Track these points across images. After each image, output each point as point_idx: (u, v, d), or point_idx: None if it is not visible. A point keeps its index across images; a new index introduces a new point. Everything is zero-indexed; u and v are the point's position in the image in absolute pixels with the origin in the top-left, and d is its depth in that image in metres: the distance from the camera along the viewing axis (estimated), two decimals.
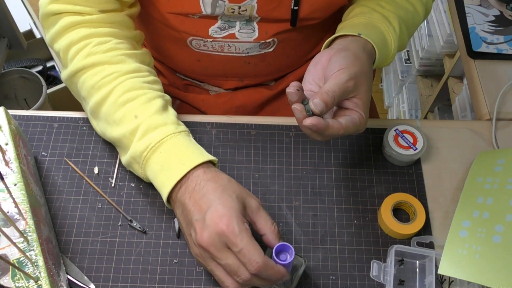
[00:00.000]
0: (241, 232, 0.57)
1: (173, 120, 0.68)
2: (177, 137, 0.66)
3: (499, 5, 1.09)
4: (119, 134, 0.67)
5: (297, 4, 0.75)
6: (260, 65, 0.87)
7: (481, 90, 0.90)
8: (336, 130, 0.59)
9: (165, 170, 0.64)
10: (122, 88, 0.68)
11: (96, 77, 0.68)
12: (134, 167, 0.68)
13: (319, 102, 0.58)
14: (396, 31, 0.73)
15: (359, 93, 0.62)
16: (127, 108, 0.67)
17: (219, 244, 0.58)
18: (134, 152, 0.66)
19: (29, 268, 0.60)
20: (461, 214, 0.70)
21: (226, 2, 0.74)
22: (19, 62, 1.73)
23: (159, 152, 0.65)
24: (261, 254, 0.57)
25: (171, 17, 0.78)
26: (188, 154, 0.64)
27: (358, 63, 0.62)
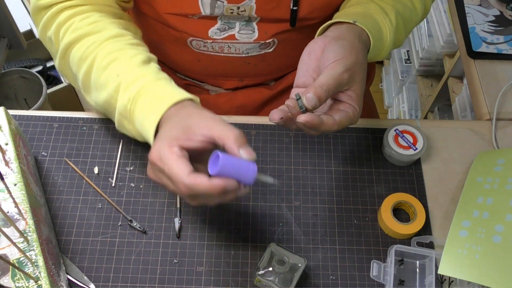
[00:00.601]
0: (164, 155, 0.56)
1: (154, 70, 0.66)
2: (156, 83, 0.64)
3: (499, 5, 1.09)
4: (107, 95, 0.66)
5: (296, 4, 0.75)
6: (260, 65, 0.87)
7: (481, 90, 0.90)
8: (330, 126, 0.59)
9: (148, 115, 0.62)
10: (103, 52, 0.67)
11: (81, 49, 0.68)
12: (124, 125, 0.66)
13: (312, 97, 0.57)
14: (393, 24, 0.71)
15: (354, 84, 0.61)
16: (109, 70, 0.66)
17: (156, 172, 0.58)
18: (120, 108, 0.65)
19: (29, 268, 0.60)
20: (461, 214, 0.70)
21: (225, 2, 0.74)
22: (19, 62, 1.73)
23: (140, 101, 0.63)
24: (185, 174, 0.54)
25: (170, 18, 0.78)
26: (167, 94, 0.62)
27: (354, 53, 0.61)
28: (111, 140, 0.79)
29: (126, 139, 0.79)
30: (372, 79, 1.08)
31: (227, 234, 0.72)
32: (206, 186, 0.54)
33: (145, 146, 0.78)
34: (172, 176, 0.55)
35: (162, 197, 0.74)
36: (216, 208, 0.73)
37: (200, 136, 0.57)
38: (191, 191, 0.55)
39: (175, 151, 0.56)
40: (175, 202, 0.74)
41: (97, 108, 0.72)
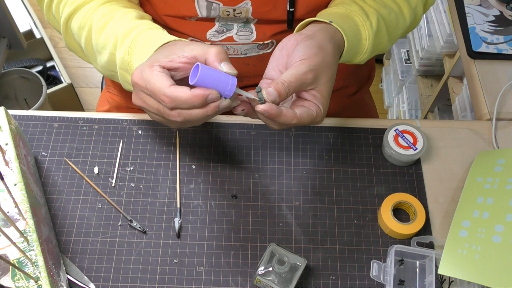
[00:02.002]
0: (144, 72, 0.57)
1: (146, 22, 0.68)
2: (148, 31, 0.66)
3: (499, 5, 1.09)
4: (108, 55, 0.68)
5: (292, 6, 0.75)
6: (259, 65, 0.87)
7: (481, 90, 0.90)
8: (289, 118, 0.59)
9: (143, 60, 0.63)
10: (98, 16, 0.69)
11: (79, 18, 0.71)
12: (128, 79, 0.67)
13: (272, 91, 0.58)
14: (373, 27, 0.71)
15: (319, 85, 0.61)
16: (107, 30, 0.68)
17: (141, 95, 0.59)
18: (119, 62, 0.66)
19: (29, 268, 0.60)
20: (461, 214, 0.70)
21: (221, 4, 0.74)
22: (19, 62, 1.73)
23: (136, 50, 0.64)
24: (166, 85, 0.55)
25: (169, 20, 0.78)
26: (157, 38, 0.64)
27: (320, 54, 0.61)
28: (111, 140, 0.79)
29: (126, 139, 0.79)
30: (372, 79, 1.08)
31: (227, 234, 0.72)
32: (187, 95, 0.55)
33: (145, 146, 0.78)
34: (154, 90, 0.56)
35: (162, 197, 0.74)
36: (216, 208, 0.74)
37: (183, 57, 0.58)
38: (173, 102, 0.55)
39: (156, 69, 0.57)
40: (175, 202, 0.74)
41: (104, 72, 0.73)
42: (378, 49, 0.75)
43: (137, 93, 0.60)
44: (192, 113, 0.57)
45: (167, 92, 0.55)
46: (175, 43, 0.62)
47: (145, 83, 0.57)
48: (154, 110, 0.59)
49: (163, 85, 0.56)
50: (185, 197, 0.74)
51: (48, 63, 1.82)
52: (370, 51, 0.72)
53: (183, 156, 0.78)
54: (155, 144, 0.79)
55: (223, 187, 0.75)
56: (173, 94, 0.55)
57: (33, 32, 1.83)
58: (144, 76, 0.57)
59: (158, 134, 0.79)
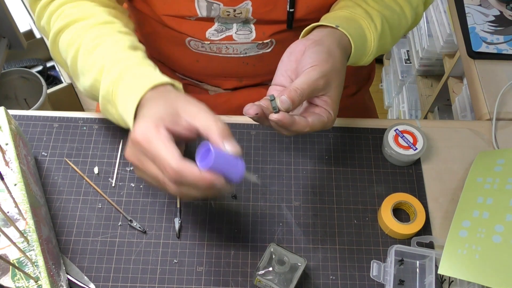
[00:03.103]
0: (154, 138, 0.53)
1: (139, 55, 0.65)
2: (139, 66, 0.62)
3: (499, 5, 1.09)
4: (92, 79, 0.65)
5: (292, 6, 0.75)
6: (259, 65, 0.87)
7: (481, 90, 0.90)
8: (302, 127, 0.59)
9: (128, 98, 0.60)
10: (90, 36, 0.66)
11: (69, 34, 0.68)
12: (108, 109, 0.64)
13: (285, 99, 0.58)
14: (378, 29, 0.71)
15: (329, 91, 0.61)
16: (95, 53, 0.65)
17: (139, 155, 0.54)
18: (103, 91, 0.63)
19: (29, 268, 0.60)
20: (461, 214, 0.70)
21: (221, 5, 0.74)
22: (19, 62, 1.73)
23: (123, 82, 0.61)
24: (175, 159, 0.51)
25: (168, 19, 0.78)
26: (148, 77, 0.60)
27: (330, 60, 0.62)
28: (111, 140, 0.79)
29: (126, 139, 0.79)
30: (372, 79, 1.08)
31: (227, 234, 0.72)
32: (196, 176, 0.51)
33: None
34: (161, 159, 0.52)
35: (162, 197, 0.74)
36: (216, 208, 0.74)
37: (185, 123, 0.55)
38: (178, 177, 0.52)
39: (163, 132, 0.53)
40: (175, 202, 0.74)
41: (86, 94, 0.70)
42: (382, 50, 0.75)
43: (135, 152, 0.55)
44: (192, 191, 0.54)
45: (174, 165, 0.51)
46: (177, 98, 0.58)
47: (150, 147, 0.53)
48: (151, 175, 0.54)
49: (171, 156, 0.52)
50: None
51: (48, 63, 1.82)
52: (375, 53, 0.73)
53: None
54: None
55: None
56: (181, 170, 0.51)
57: (33, 32, 1.83)
58: (150, 138, 0.53)
59: None
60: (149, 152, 0.53)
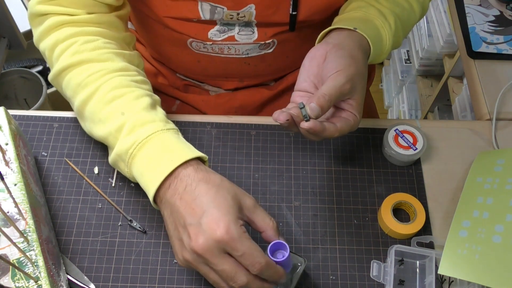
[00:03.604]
0: (241, 236, 0.54)
1: (162, 118, 0.65)
2: (166, 133, 0.62)
3: (499, 5, 1.09)
4: (105, 132, 0.64)
5: (295, 9, 0.75)
6: (260, 65, 0.87)
7: (481, 90, 0.90)
8: (331, 133, 0.61)
9: (152, 167, 0.60)
10: (109, 85, 0.65)
11: (82, 75, 0.66)
12: (120, 165, 0.64)
13: (315, 106, 0.58)
14: (392, 28, 0.72)
15: (355, 94, 0.62)
16: (113, 106, 0.64)
17: (216, 250, 0.54)
18: (120, 150, 0.62)
19: (29, 268, 0.60)
20: (461, 214, 0.70)
21: (225, 9, 0.74)
22: (19, 62, 1.73)
23: (146, 148, 0.61)
24: (263, 255, 0.55)
25: (169, 21, 0.78)
26: (177, 150, 0.61)
27: (354, 64, 0.62)
28: None
29: None
30: (372, 79, 1.08)
31: None
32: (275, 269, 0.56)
33: None
34: (253, 256, 0.54)
35: None
36: None
37: (245, 216, 0.58)
38: (263, 272, 0.55)
39: (247, 234, 0.56)
40: None
41: (91, 136, 0.70)
42: (394, 47, 0.76)
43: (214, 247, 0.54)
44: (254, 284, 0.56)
45: (264, 260, 0.54)
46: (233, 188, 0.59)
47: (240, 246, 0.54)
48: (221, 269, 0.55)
49: (261, 252, 0.55)
50: None
51: None
52: (389, 51, 0.74)
53: None
54: None
55: None
56: (269, 264, 0.55)
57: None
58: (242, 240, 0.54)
59: None
60: (235, 249, 0.54)
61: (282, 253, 0.59)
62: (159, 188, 0.59)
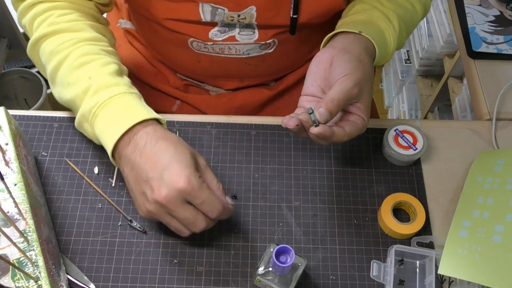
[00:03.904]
0: (201, 186, 0.59)
1: (126, 83, 0.68)
2: (128, 96, 0.66)
3: (499, 5, 1.09)
4: (73, 95, 0.67)
5: (296, 13, 0.75)
6: (261, 66, 0.87)
7: (481, 90, 0.90)
8: (340, 137, 0.62)
9: (112, 124, 0.64)
10: (79, 52, 0.68)
11: (55, 43, 0.70)
12: (84, 126, 0.68)
13: (324, 111, 0.59)
14: (396, 30, 0.73)
15: (362, 97, 0.63)
16: (81, 71, 0.67)
17: (178, 200, 0.59)
18: (84, 110, 0.66)
19: (29, 268, 0.60)
20: (461, 214, 0.70)
21: (226, 10, 0.74)
22: (19, 62, 1.73)
23: (108, 108, 0.64)
24: (220, 201, 0.60)
25: (170, 23, 0.78)
26: (137, 110, 0.64)
27: (361, 67, 0.63)
28: None
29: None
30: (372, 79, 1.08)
31: (227, 234, 0.72)
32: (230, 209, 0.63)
33: None
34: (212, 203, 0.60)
35: None
36: None
37: None
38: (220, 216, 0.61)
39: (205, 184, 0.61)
40: None
41: (60, 102, 0.73)
42: (398, 48, 0.77)
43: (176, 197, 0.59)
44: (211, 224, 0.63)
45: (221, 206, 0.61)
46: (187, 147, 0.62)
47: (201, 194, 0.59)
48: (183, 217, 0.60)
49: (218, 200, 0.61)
50: None
51: None
52: (393, 52, 0.75)
53: None
54: None
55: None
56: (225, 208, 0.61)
57: None
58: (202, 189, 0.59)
59: None
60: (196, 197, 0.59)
61: (286, 257, 0.61)
62: (118, 143, 0.63)
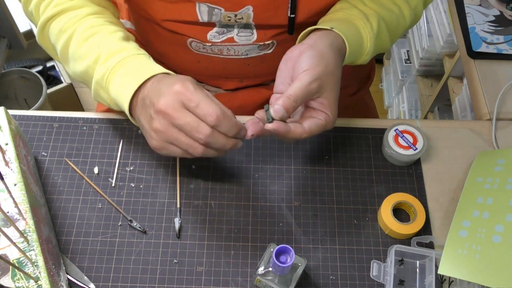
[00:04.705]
0: (196, 88, 0.59)
1: (134, 46, 0.69)
2: (137, 57, 0.67)
3: (499, 5, 1.09)
4: (85, 66, 0.69)
5: (293, 12, 0.75)
6: (260, 66, 0.87)
7: (481, 90, 0.90)
8: (298, 134, 0.61)
9: (126, 84, 0.65)
10: (84, 26, 0.70)
11: (61, 22, 0.72)
12: (100, 94, 0.69)
13: (279, 108, 0.59)
14: (374, 29, 0.72)
15: (324, 92, 0.63)
16: (90, 42, 0.69)
17: (176, 104, 0.58)
18: (97, 77, 0.67)
19: (29, 268, 0.60)
20: (461, 214, 0.70)
21: (222, 10, 0.74)
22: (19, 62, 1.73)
23: (120, 71, 0.66)
24: (218, 106, 0.58)
25: (169, 24, 0.78)
26: (147, 67, 0.65)
27: (322, 63, 0.63)
28: (111, 140, 0.79)
29: (126, 139, 0.79)
30: (372, 79, 1.08)
31: (227, 234, 0.72)
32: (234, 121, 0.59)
33: (145, 146, 0.78)
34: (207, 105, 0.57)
35: (162, 197, 0.74)
36: (216, 208, 0.74)
37: None
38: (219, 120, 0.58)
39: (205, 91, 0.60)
40: (175, 202, 0.74)
41: (75, 77, 0.74)
42: (380, 49, 0.76)
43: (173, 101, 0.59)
44: (219, 137, 0.59)
45: (219, 110, 0.58)
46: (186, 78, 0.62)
47: (196, 96, 0.58)
48: (184, 122, 0.58)
49: (216, 103, 0.59)
50: (185, 197, 0.74)
51: (48, 63, 1.82)
52: (372, 52, 0.74)
53: None
54: None
55: (223, 187, 0.75)
56: (225, 113, 0.58)
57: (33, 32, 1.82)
58: (197, 92, 0.58)
59: None
60: (191, 99, 0.58)
61: (286, 257, 0.61)
62: (132, 101, 0.64)
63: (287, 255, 0.61)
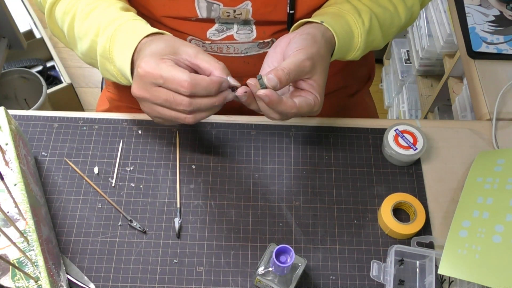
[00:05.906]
0: (158, 63, 0.58)
1: (131, 14, 0.69)
2: (132, 22, 0.67)
3: (499, 5, 1.09)
4: (89, 41, 0.69)
5: (292, 8, 0.75)
6: (260, 64, 0.86)
7: (481, 90, 0.90)
8: (289, 107, 0.61)
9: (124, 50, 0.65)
10: (83, 3, 0.71)
11: (64, 4, 0.72)
12: (107, 68, 0.68)
13: (273, 77, 0.59)
14: (365, 25, 0.72)
15: (315, 74, 0.63)
16: (90, 18, 0.69)
17: (147, 86, 0.59)
18: (100, 50, 0.67)
19: (29, 268, 0.60)
20: (461, 214, 0.70)
21: (221, 5, 0.74)
22: (19, 62, 1.73)
23: (118, 38, 0.66)
24: (185, 73, 0.58)
25: (168, 20, 0.78)
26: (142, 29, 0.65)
27: (316, 46, 0.63)
28: (111, 140, 0.79)
29: (126, 139, 0.79)
30: (372, 79, 1.08)
31: (227, 234, 0.72)
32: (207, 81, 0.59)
33: (145, 146, 0.78)
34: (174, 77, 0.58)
35: (162, 197, 0.74)
36: (216, 208, 0.74)
37: (186, 61, 0.61)
38: (193, 87, 0.57)
39: (169, 63, 0.59)
40: (175, 202, 0.74)
41: (84, 59, 0.74)
42: (371, 46, 0.76)
43: (143, 84, 0.60)
44: (202, 101, 0.59)
45: (188, 77, 0.57)
46: (173, 39, 0.63)
47: (160, 72, 0.58)
48: (161, 100, 0.59)
49: (183, 72, 0.58)
50: (185, 197, 0.74)
51: (48, 63, 1.82)
52: (363, 48, 0.74)
53: (183, 156, 0.78)
54: (155, 144, 0.79)
55: (223, 187, 0.75)
56: (195, 79, 0.58)
57: (33, 32, 1.83)
58: (160, 67, 0.58)
59: (158, 134, 0.79)
60: (160, 77, 0.58)
61: (286, 257, 0.62)
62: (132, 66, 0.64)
63: (287, 255, 0.61)
